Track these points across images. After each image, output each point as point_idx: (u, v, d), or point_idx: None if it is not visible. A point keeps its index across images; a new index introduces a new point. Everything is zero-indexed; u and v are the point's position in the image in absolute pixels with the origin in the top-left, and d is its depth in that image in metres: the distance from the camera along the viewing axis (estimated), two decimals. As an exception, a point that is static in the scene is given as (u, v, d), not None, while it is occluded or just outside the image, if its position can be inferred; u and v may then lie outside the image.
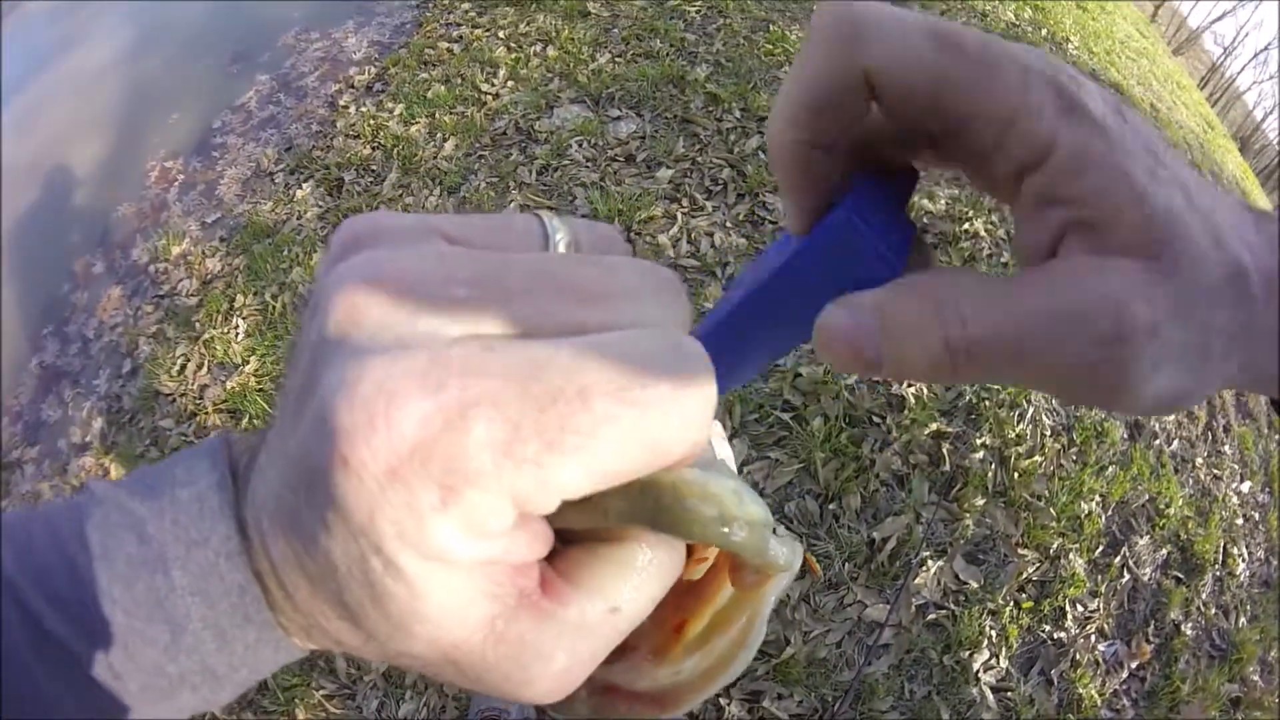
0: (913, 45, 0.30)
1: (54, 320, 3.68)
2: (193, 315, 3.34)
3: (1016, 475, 2.73)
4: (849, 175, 0.35)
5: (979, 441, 2.75)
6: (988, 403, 2.83)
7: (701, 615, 0.37)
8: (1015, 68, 0.30)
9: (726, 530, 0.30)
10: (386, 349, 0.25)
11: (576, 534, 0.30)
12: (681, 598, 0.37)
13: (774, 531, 0.34)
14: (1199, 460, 3.29)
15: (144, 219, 3.98)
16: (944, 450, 2.68)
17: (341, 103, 4.24)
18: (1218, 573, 3.03)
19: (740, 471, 2.49)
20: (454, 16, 4.80)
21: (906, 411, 2.72)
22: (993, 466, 2.73)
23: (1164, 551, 2.92)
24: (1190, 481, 3.20)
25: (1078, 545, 2.72)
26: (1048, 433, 2.90)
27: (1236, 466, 3.45)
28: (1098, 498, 2.86)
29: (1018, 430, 2.82)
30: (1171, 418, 3.29)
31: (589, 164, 3.49)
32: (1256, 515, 3.37)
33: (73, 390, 3.39)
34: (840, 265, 0.33)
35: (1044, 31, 5.67)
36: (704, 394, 0.27)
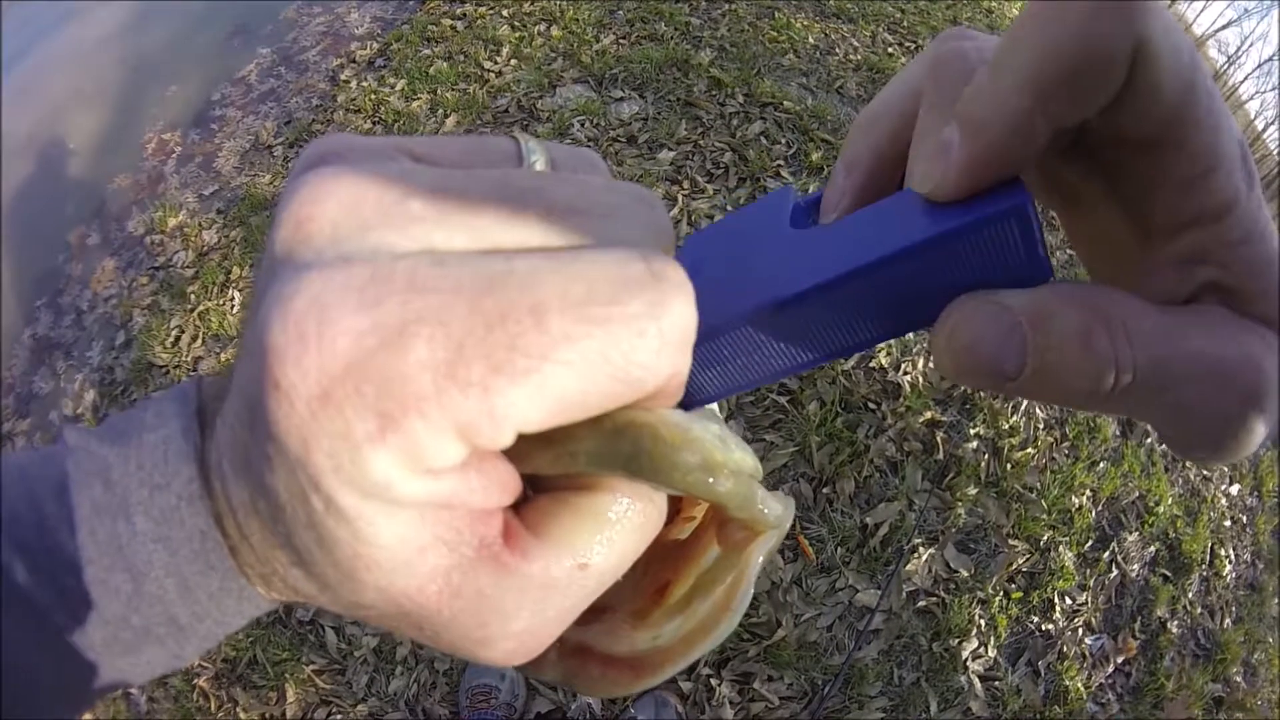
0: (1179, 35, 0.26)
1: (48, 292, 3.65)
2: (188, 287, 3.33)
3: (1009, 466, 2.75)
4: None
5: (973, 431, 2.76)
6: (982, 393, 2.84)
7: (685, 578, 0.34)
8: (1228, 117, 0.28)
9: (711, 480, 0.28)
10: (328, 264, 0.23)
11: (548, 483, 0.28)
12: (664, 559, 0.35)
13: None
14: (1188, 462, 3.26)
15: (140, 191, 3.94)
16: (938, 439, 2.69)
17: (342, 77, 4.23)
18: (1204, 573, 3.06)
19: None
20: None
21: (902, 399, 2.73)
22: (986, 457, 2.74)
23: (1152, 549, 2.95)
24: (1180, 481, 3.22)
25: (1067, 539, 2.74)
26: (1041, 426, 2.92)
27: (1226, 469, 3.48)
28: (1089, 492, 2.88)
29: (1011, 422, 2.84)
30: None
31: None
32: (1244, 518, 3.40)
33: (65, 362, 3.37)
34: (994, 256, 0.28)
35: None
36: (678, 315, 0.24)
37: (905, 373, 2.79)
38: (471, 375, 0.22)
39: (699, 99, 3.68)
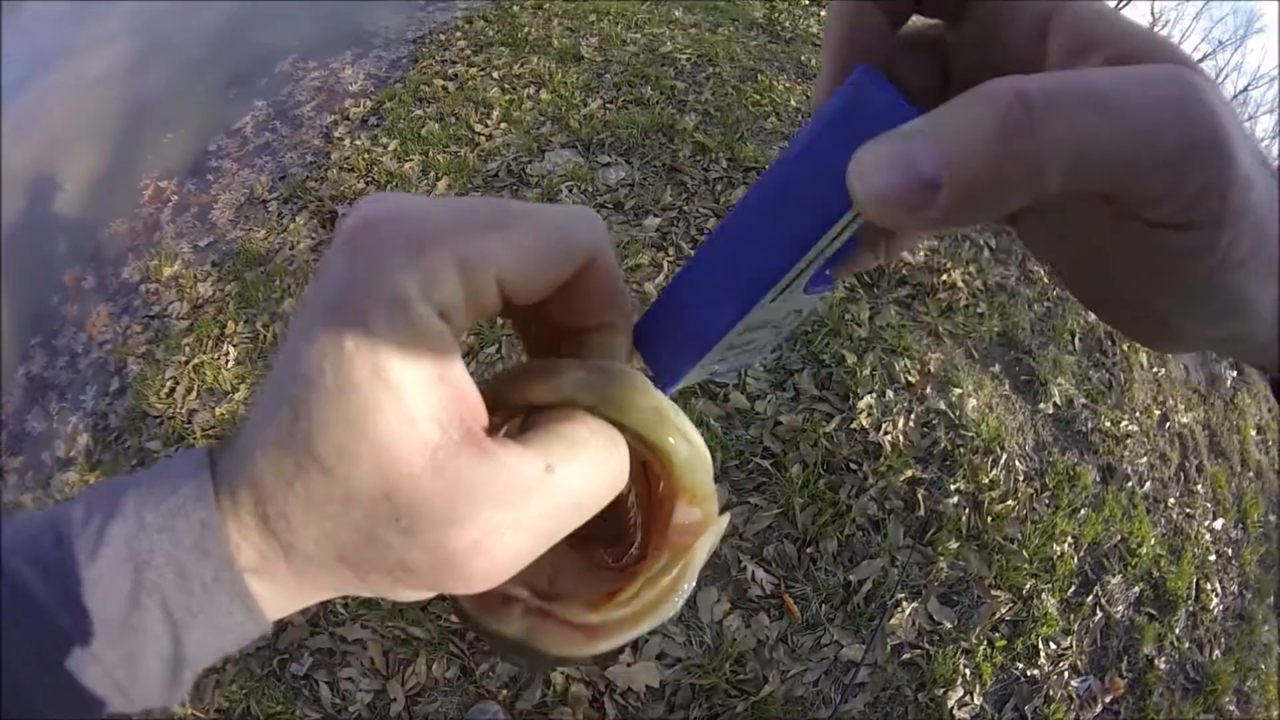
0: None
1: (42, 331, 3.66)
2: (183, 339, 3.35)
3: (990, 519, 2.79)
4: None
5: (953, 487, 2.81)
6: (962, 449, 2.91)
7: (635, 585, 0.39)
8: None
9: (658, 425, 0.35)
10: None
11: (536, 421, 0.35)
12: (618, 577, 0.40)
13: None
14: (1171, 500, 3.36)
15: (136, 237, 3.99)
16: (919, 496, 2.74)
17: (336, 134, 4.29)
18: (1191, 608, 3.10)
19: (720, 514, 2.55)
20: (450, 54, 4.90)
21: (883, 458, 2.78)
22: (966, 511, 2.79)
23: (1136, 589, 2.99)
24: (1163, 521, 3.27)
25: (1050, 585, 2.78)
26: (1021, 478, 2.97)
27: (1209, 505, 3.52)
28: (1070, 539, 2.92)
29: (991, 475, 2.88)
30: (1144, 460, 3.38)
31: None
32: (1230, 551, 3.45)
33: (59, 404, 3.38)
34: (868, 121, 0.30)
35: None
36: (584, 222, 0.36)
37: (886, 433, 2.84)
38: (472, 228, 0.32)
39: (684, 164, 3.75)
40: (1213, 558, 3.35)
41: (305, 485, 0.32)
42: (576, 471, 0.33)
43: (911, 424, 2.93)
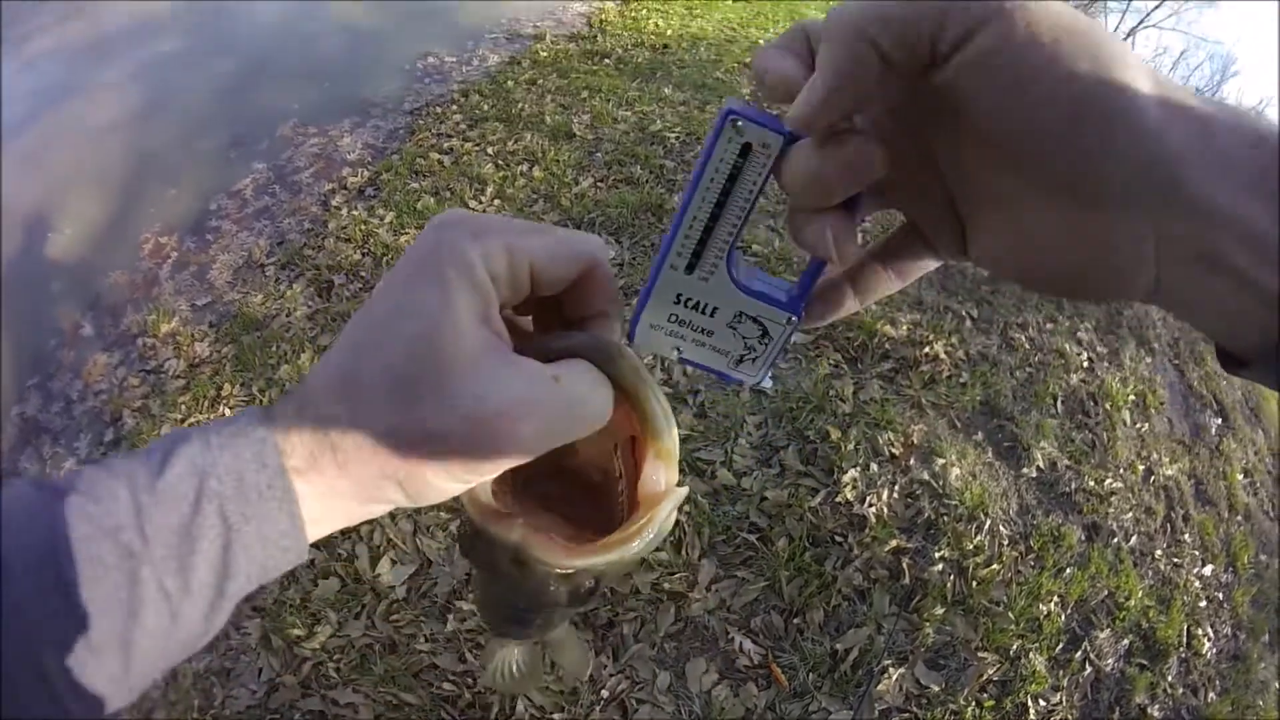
0: None
1: (38, 373, 3.65)
2: (179, 396, 3.34)
3: (975, 584, 2.84)
4: None
5: (938, 555, 2.86)
6: (946, 518, 2.97)
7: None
8: None
9: (641, 385, 0.46)
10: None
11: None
12: (594, 539, 0.49)
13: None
14: (1158, 552, 3.40)
15: (135, 290, 4.00)
16: (904, 564, 2.79)
17: (334, 203, 4.35)
18: (1183, 654, 3.13)
19: (708, 589, 2.63)
20: (445, 127, 5.01)
21: (868, 530, 2.84)
22: (951, 577, 2.83)
23: (1126, 641, 3.02)
24: (1150, 573, 3.30)
25: (1037, 644, 2.80)
26: (1005, 542, 3.02)
27: (1198, 553, 3.56)
28: (1056, 598, 2.95)
29: (976, 541, 2.94)
30: (1129, 515, 3.43)
31: None
32: (1220, 595, 3.48)
33: (52, 448, 3.36)
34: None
35: None
36: (591, 239, 0.48)
37: (870, 505, 2.91)
38: (517, 231, 0.44)
39: (673, 244, 3.82)
40: (1203, 603, 3.38)
41: (366, 376, 0.41)
42: (576, 387, 0.44)
43: (895, 495, 2.99)
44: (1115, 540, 3.29)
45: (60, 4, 6.63)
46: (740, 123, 0.42)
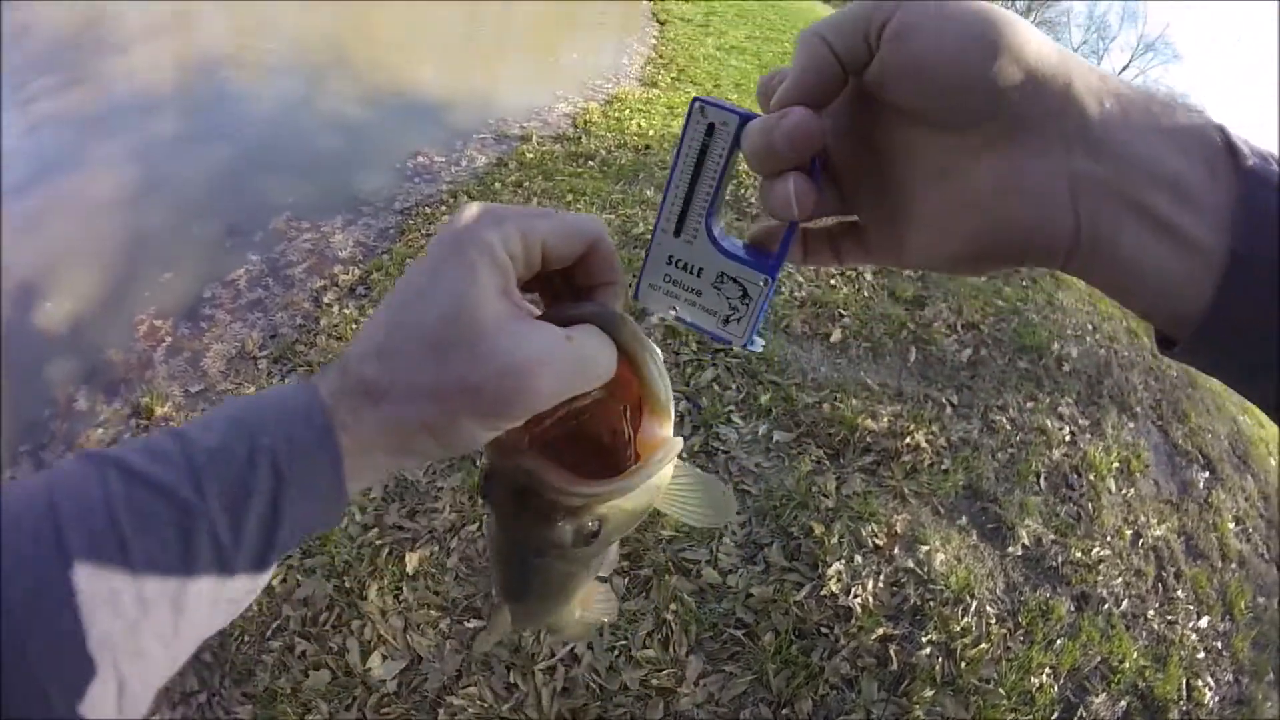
0: None
1: (30, 441, 3.64)
2: None
3: (964, 664, 2.85)
4: None
5: (925, 639, 2.87)
6: (932, 603, 2.99)
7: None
8: None
9: (640, 348, 0.52)
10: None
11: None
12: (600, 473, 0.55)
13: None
14: (1150, 612, 3.42)
15: (129, 370, 4.02)
16: (891, 651, 2.80)
17: (325, 300, 4.41)
18: (1184, 707, 3.14)
19: (696, 684, 2.64)
20: (434, 228, 5.09)
21: (854, 620, 2.86)
22: (940, 659, 2.84)
23: (1123, 703, 3.02)
24: (1144, 634, 3.32)
25: (1031, 716, 2.81)
26: (992, 620, 3.04)
27: (1192, 607, 3.58)
28: (1048, 670, 2.96)
29: (963, 623, 2.96)
30: (1119, 580, 3.45)
31: None
32: (1219, 644, 3.49)
33: None
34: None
35: None
36: (592, 219, 0.54)
37: (855, 596, 2.93)
38: (529, 216, 0.50)
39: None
40: (1201, 655, 3.39)
41: (403, 343, 0.47)
42: (586, 346, 0.50)
43: (880, 584, 3.01)
44: (1106, 607, 3.31)
45: (66, 68, 6.84)
46: (705, 108, 0.53)
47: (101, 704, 0.41)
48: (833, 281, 4.81)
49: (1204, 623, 3.55)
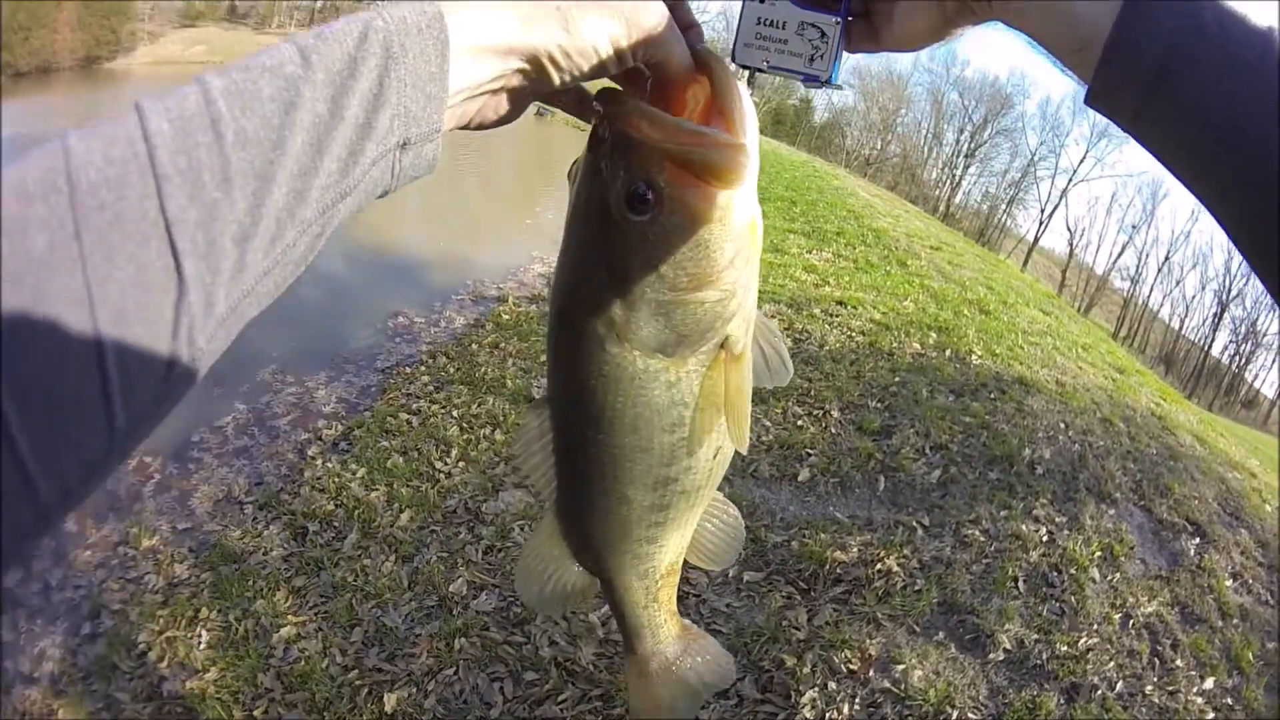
0: None
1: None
2: (158, 610, 3.42)
3: None
4: None
5: None
6: (911, 718, 3.01)
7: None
8: None
9: (723, 69, 0.61)
10: None
11: None
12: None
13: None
14: (1149, 688, 3.39)
15: (117, 500, 4.09)
16: None
17: (310, 453, 4.57)
18: None
19: None
20: (414, 388, 5.31)
21: None
22: None
23: None
24: (1144, 709, 3.29)
25: None
26: None
27: (1194, 673, 3.55)
28: None
29: None
30: (1111, 664, 3.45)
31: None
32: (1229, 700, 3.46)
33: (28, 624, 3.39)
34: None
35: (948, 352, 6.21)
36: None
37: None
38: None
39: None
40: (1210, 715, 3.37)
41: None
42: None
43: (857, 708, 3.03)
44: (1099, 693, 3.29)
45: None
46: None
47: (158, 304, 0.40)
48: (800, 422, 4.93)
49: (1209, 684, 3.51)
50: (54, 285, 0.36)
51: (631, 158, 0.58)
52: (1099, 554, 4.10)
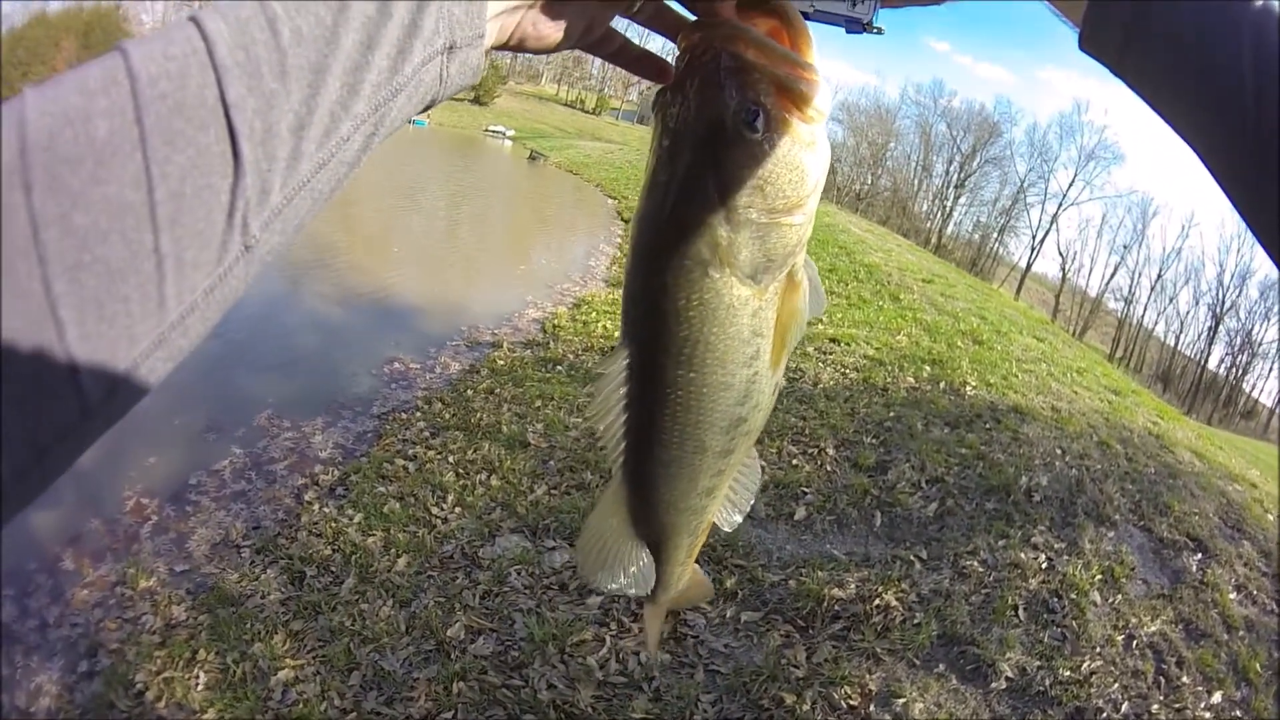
0: None
1: (14, 587, 3.65)
2: (155, 650, 3.38)
3: None
4: None
5: None
6: None
7: None
8: None
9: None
10: None
11: None
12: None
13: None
14: (1155, 706, 3.40)
15: (115, 541, 4.09)
16: None
17: (306, 498, 4.56)
18: None
19: None
20: (410, 434, 5.32)
21: None
22: None
23: None
24: None
25: None
26: None
27: (1201, 688, 3.55)
28: None
29: None
30: (1115, 686, 3.44)
31: (526, 591, 3.70)
32: (1238, 712, 3.46)
33: (25, 660, 3.36)
34: None
35: (942, 385, 6.27)
36: None
37: None
38: None
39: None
40: None
41: None
42: None
43: None
44: (1104, 715, 3.29)
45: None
46: None
47: (215, 186, 0.41)
48: (795, 461, 4.94)
49: (1217, 698, 3.52)
50: (112, 167, 0.37)
51: (744, 79, 0.59)
52: (1099, 577, 4.10)
